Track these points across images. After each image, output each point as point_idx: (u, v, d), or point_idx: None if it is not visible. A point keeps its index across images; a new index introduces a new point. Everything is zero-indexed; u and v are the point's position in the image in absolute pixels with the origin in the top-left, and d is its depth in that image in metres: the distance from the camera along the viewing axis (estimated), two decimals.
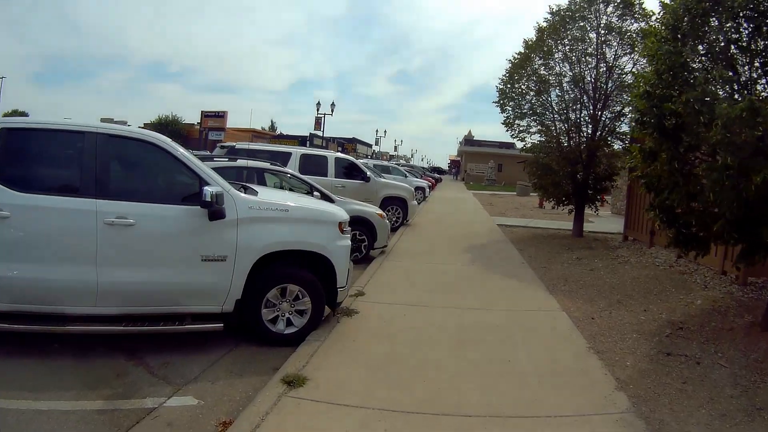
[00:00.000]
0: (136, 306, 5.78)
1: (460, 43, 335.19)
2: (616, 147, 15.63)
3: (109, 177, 5.82)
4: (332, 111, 50.44)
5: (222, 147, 15.62)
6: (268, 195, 6.92)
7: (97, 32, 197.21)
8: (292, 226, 6.38)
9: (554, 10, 15.34)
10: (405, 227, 16.74)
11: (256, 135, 79.62)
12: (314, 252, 6.47)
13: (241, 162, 11.20)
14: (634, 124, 7.22)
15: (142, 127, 41.35)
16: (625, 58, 14.82)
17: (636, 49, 14.46)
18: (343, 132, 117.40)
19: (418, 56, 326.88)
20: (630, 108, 14.48)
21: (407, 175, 30.28)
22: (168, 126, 68.01)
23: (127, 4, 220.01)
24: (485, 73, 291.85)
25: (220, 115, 69.49)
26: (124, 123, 67.58)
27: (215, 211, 5.77)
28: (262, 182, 10.83)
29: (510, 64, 16.04)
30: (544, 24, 15.54)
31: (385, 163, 34.22)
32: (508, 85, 16.05)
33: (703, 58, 6.37)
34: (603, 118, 15.13)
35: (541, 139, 15.88)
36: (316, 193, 10.86)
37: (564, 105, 15.35)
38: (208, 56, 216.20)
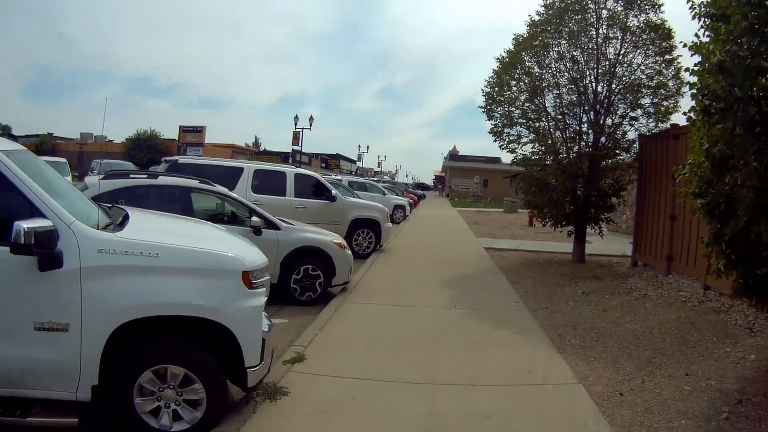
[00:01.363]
0: None
1: (444, 58, 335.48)
2: (623, 157, 13.43)
3: None
4: (311, 125, 48.23)
5: (165, 161, 13.37)
6: (143, 227, 4.67)
7: (85, 46, 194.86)
8: (165, 280, 4.15)
9: (548, 2, 13.24)
10: (378, 254, 14.44)
11: (236, 151, 77.53)
12: (205, 318, 4.22)
13: (163, 180, 8.94)
14: (692, 116, 4.87)
15: (123, 143, 39.53)
16: (631, 55, 12.68)
17: (643, 43, 12.45)
18: (329, 148, 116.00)
19: (403, 71, 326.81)
20: (666, 101, 12.43)
21: (386, 192, 28.03)
22: (146, 141, 66.50)
23: (115, 19, 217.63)
24: (469, 87, 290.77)
25: (198, 130, 67.86)
26: (103, 138, 66.32)
27: (44, 256, 3.65)
28: (188, 205, 8.64)
29: (498, 63, 13.87)
30: (537, 18, 13.42)
31: (362, 179, 31.77)
32: (496, 88, 13.87)
33: None
34: (606, 125, 12.94)
35: (534, 149, 13.69)
36: (254, 218, 8.60)
37: (561, 110, 13.19)
38: (196, 72, 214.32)
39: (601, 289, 10.60)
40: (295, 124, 47.99)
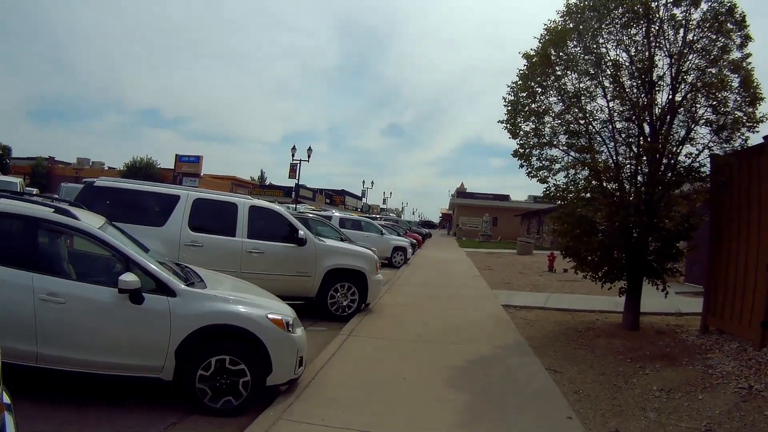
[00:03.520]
0: None
1: (450, 97, 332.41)
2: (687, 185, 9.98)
3: None
4: (309, 157, 44.84)
5: (84, 182, 10.12)
6: None
7: (93, 76, 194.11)
8: None
9: None
10: (362, 317, 10.64)
11: (236, 183, 75.58)
12: None
13: None
14: None
15: (123, 170, 37.92)
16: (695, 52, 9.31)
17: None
18: (335, 185, 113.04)
19: (410, 109, 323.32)
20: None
21: (384, 232, 24.24)
22: (142, 170, 65.40)
23: (122, 50, 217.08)
24: (476, 125, 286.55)
25: (195, 160, 66.31)
26: (101, 164, 66.46)
27: None
28: (31, 246, 5.43)
29: (525, 63, 10.37)
30: (574, 1, 10.07)
31: (356, 216, 27.72)
32: (522, 95, 10.37)
33: None
34: (671, 140, 9.49)
35: (573, 177, 10.16)
36: (126, 276, 5.15)
37: (616, 120, 9.77)
38: (203, 105, 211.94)
39: (685, 381, 7.11)
40: (293, 156, 44.70)
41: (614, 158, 9.85)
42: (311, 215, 18.44)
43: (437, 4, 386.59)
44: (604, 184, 9.71)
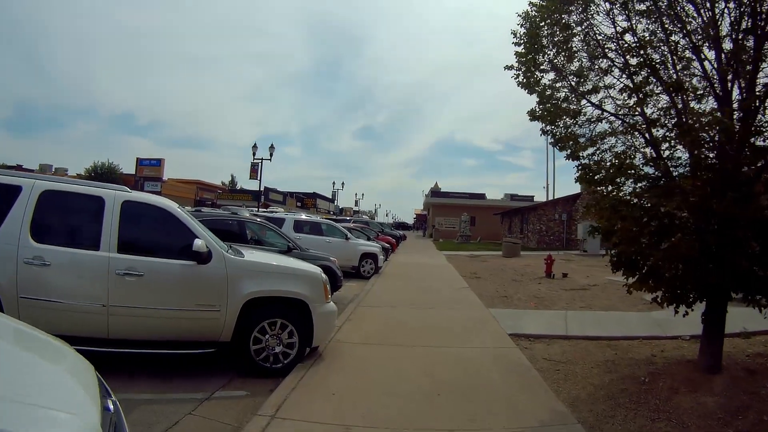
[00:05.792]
0: None
1: (423, 97, 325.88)
2: None
3: None
4: (271, 155, 41.04)
5: None
6: None
7: (67, 82, 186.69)
8: None
9: None
10: (306, 368, 6.84)
11: (202, 187, 71.93)
12: None
13: None
14: None
15: (84, 176, 35.07)
16: None
17: None
18: (309, 188, 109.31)
19: (383, 111, 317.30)
20: None
21: (349, 236, 20.25)
22: (103, 174, 62.85)
23: (95, 55, 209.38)
24: (448, 125, 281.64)
25: (156, 163, 63.11)
26: (64, 170, 63.86)
27: None
28: None
29: None
30: None
31: (316, 218, 23.09)
32: (545, 25, 6.85)
33: None
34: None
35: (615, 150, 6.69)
36: None
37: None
38: (176, 111, 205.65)
39: None
40: (254, 155, 40.80)
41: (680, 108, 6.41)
42: (258, 219, 14.74)
43: (408, 3, 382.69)
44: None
